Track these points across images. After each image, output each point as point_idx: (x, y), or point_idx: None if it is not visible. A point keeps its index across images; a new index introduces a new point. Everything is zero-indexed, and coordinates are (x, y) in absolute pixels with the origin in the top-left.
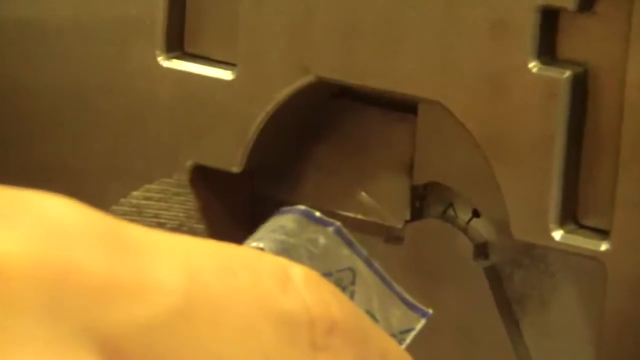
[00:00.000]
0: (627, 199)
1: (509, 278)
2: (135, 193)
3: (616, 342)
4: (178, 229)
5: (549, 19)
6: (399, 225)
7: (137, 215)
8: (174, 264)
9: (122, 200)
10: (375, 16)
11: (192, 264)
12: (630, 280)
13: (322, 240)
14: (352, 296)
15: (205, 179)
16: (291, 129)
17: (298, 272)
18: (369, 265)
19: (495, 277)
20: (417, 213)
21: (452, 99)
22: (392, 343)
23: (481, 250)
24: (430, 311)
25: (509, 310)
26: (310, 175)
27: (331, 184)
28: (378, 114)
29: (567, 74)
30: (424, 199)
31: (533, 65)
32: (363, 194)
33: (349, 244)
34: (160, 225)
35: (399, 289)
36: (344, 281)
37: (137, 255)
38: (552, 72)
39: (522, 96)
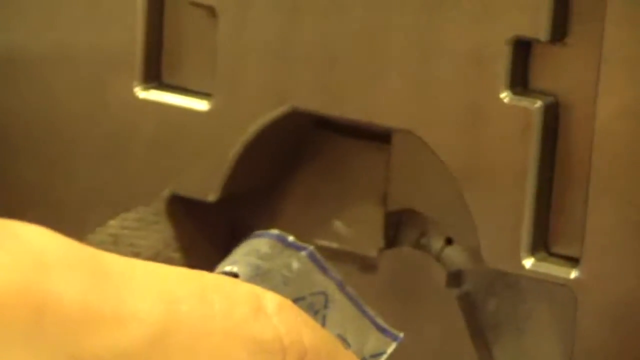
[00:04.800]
0: (597, 227)
1: (483, 305)
2: (112, 222)
3: None
4: (154, 257)
5: (522, 50)
6: (374, 254)
7: (113, 245)
8: (151, 293)
9: (98, 229)
10: (352, 48)
11: (168, 293)
12: (600, 307)
13: (295, 264)
14: (324, 320)
15: (182, 208)
16: (267, 158)
17: (271, 300)
18: (342, 288)
19: (468, 304)
20: (391, 241)
21: (425, 130)
22: None
23: (454, 278)
24: (402, 335)
25: (482, 338)
26: (286, 204)
27: (306, 212)
28: (353, 143)
29: (539, 104)
30: (398, 228)
31: (505, 96)
32: (338, 222)
33: (322, 268)
34: (136, 255)
35: (371, 312)
36: (316, 305)
37: (115, 284)
38: (525, 103)
39: (495, 126)
